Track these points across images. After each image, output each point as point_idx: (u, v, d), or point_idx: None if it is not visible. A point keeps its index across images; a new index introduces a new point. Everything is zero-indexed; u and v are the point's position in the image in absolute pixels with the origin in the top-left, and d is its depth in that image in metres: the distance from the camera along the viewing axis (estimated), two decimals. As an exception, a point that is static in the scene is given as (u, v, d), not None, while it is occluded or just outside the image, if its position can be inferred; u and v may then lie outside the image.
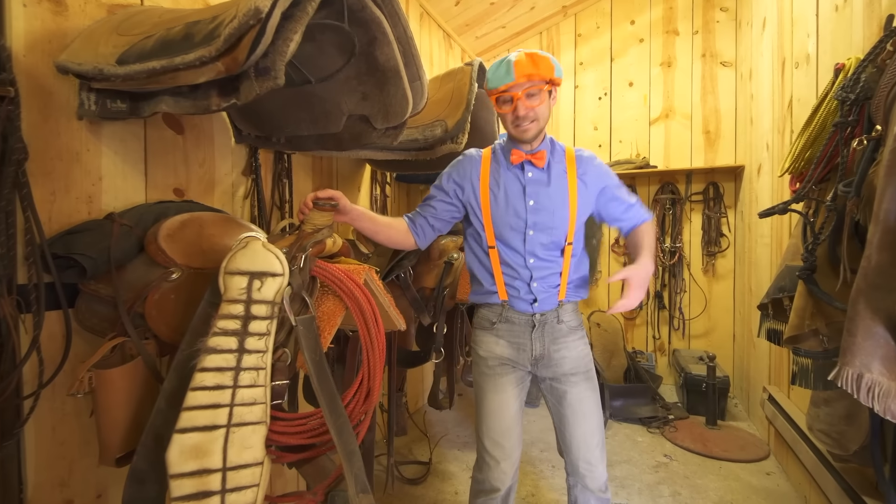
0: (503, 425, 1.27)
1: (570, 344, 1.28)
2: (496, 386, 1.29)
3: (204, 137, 1.42)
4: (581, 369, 1.28)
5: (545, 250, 1.25)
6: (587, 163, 1.29)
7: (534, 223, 1.24)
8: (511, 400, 1.28)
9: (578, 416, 1.26)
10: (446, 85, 1.59)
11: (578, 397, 1.26)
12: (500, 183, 1.27)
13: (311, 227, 0.97)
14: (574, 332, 1.29)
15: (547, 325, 1.26)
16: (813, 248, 1.20)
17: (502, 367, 1.29)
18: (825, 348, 1.22)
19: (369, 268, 0.96)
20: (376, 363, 0.85)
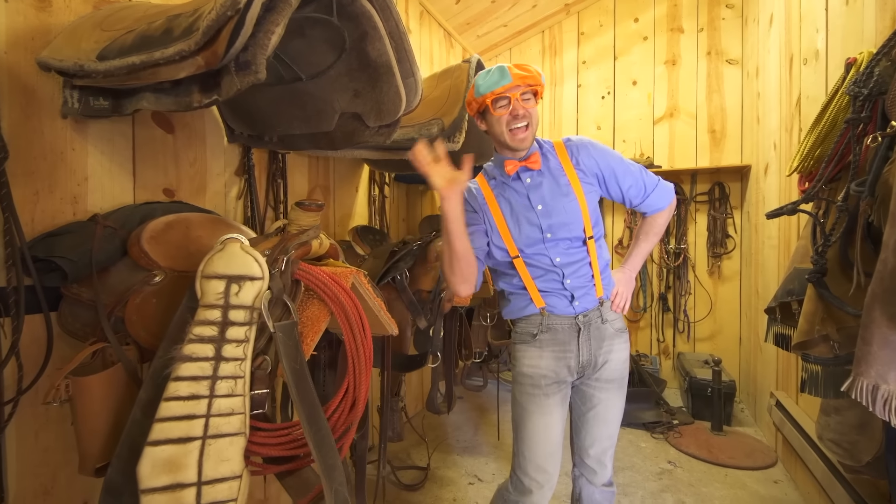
0: (549, 450, 1.21)
1: (616, 347, 1.25)
2: (542, 407, 1.21)
3: (195, 137, 1.39)
4: (618, 376, 1.26)
5: (570, 247, 1.22)
6: (578, 149, 1.26)
7: (549, 226, 1.21)
8: (557, 423, 1.22)
9: (601, 421, 1.26)
10: (443, 83, 1.55)
11: (608, 405, 1.26)
12: (506, 198, 1.25)
13: (296, 229, 0.93)
14: (620, 335, 1.27)
15: (592, 327, 1.22)
16: (823, 250, 1.15)
17: (549, 387, 1.21)
18: (836, 354, 1.17)
19: (357, 270, 0.92)
20: (362, 371, 0.81)
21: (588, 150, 1.26)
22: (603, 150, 1.27)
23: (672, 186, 1.34)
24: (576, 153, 1.25)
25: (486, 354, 2.22)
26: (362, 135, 1.20)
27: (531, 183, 1.23)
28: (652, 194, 1.29)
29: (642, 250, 1.38)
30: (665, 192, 1.31)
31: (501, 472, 2.10)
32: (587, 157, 1.25)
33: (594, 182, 1.26)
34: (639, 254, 1.38)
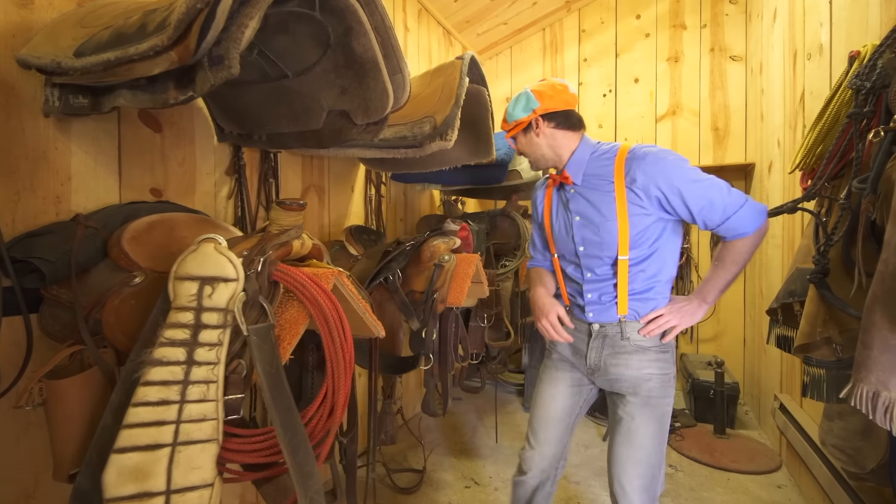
0: (544, 415, 1.32)
1: (632, 363, 1.21)
2: (551, 378, 1.35)
3: (184, 136, 1.37)
4: (639, 392, 1.20)
5: (600, 264, 1.24)
6: (635, 164, 1.16)
7: (581, 239, 1.26)
8: (560, 396, 1.32)
9: (624, 441, 1.21)
10: (436, 80, 1.52)
11: (631, 423, 1.20)
12: (553, 202, 1.37)
13: (276, 228, 0.91)
14: (643, 352, 1.21)
15: (608, 339, 1.24)
16: (825, 249, 1.11)
17: (562, 363, 1.34)
18: (839, 357, 1.13)
19: (339, 271, 0.90)
20: (341, 376, 0.79)
21: (646, 166, 1.14)
22: (665, 167, 1.14)
23: (764, 208, 1.15)
24: (631, 170, 1.16)
25: (483, 356, 2.19)
26: (350, 132, 1.18)
27: (572, 194, 1.29)
28: (733, 217, 1.13)
29: (716, 281, 1.21)
30: (751, 216, 1.13)
31: (499, 475, 2.07)
32: (643, 175, 1.14)
33: (650, 204, 1.16)
34: (711, 285, 1.21)
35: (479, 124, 1.72)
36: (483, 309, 2.15)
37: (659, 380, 1.21)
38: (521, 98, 1.30)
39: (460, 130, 1.74)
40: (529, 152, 1.34)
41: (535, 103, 1.28)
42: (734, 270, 1.20)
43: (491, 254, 2.22)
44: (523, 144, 1.34)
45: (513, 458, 2.19)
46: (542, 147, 1.30)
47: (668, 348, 1.24)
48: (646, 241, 1.19)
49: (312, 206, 1.89)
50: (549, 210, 1.37)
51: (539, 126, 1.29)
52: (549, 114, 1.28)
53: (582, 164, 1.27)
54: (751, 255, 1.19)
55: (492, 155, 1.75)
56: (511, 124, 1.33)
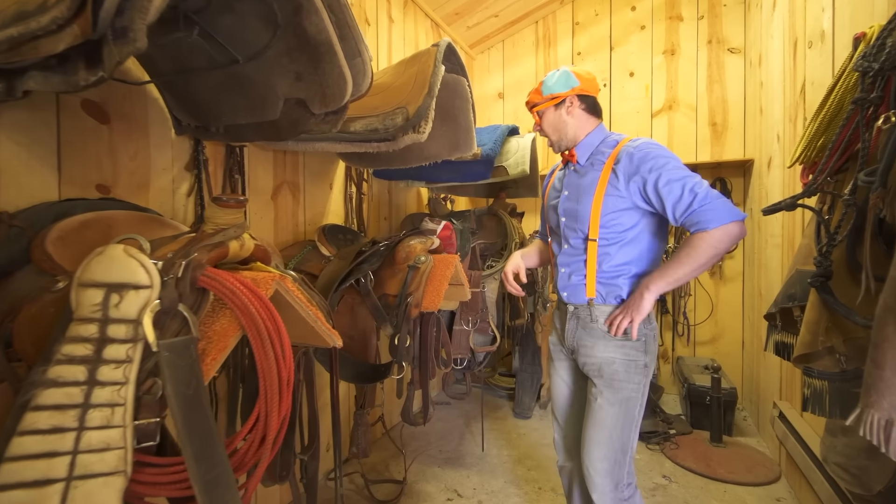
0: (557, 402, 1.44)
1: (600, 346, 1.28)
2: (552, 368, 1.46)
3: (136, 127, 1.28)
4: (603, 374, 1.27)
5: (575, 240, 1.33)
6: (624, 152, 1.25)
7: (564, 210, 1.36)
8: (560, 383, 1.43)
9: (591, 421, 1.28)
10: (410, 69, 1.42)
11: (597, 404, 1.27)
12: (555, 180, 1.47)
13: (212, 228, 0.81)
14: (609, 338, 1.27)
15: (580, 320, 1.33)
16: (828, 250, 1.01)
17: (556, 353, 1.44)
18: (843, 369, 1.03)
19: (281, 275, 0.80)
20: (275, 397, 0.69)
21: (633, 156, 1.23)
22: (650, 155, 1.21)
23: (739, 213, 1.15)
24: (621, 156, 1.25)
25: (468, 361, 2.09)
26: (307, 123, 1.08)
27: (571, 170, 1.39)
28: (699, 209, 1.14)
29: (664, 271, 1.20)
30: (718, 212, 1.13)
31: (483, 486, 1.97)
32: (628, 163, 1.23)
33: (626, 189, 1.24)
34: (659, 274, 1.21)
35: (459, 117, 1.62)
36: (468, 312, 2.06)
37: (622, 364, 1.25)
38: (561, 74, 1.35)
39: (440, 124, 1.65)
40: (554, 130, 1.37)
41: (574, 81, 1.34)
42: (688, 266, 1.18)
43: (476, 254, 2.13)
44: (550, 121, 1.37)
45: (499, 468, 2.10)
46: (568, 126, 1.35)
47: (639, 335, 1.27)
48: (617, 225, 1.27)
49: (286, 204, 1.80)
50: (550, 187, 1.49)
51: (572, 105, 1.34)
52: (583, 95, 1.36)
53: (591, 147, 1.34)
54: (709, 255, 1.16)
55: (473, 149, 1.65)
56: (546, 97, 1.35)
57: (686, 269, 1.18)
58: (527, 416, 2.67)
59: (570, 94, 1.33)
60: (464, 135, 1.65)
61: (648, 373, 1.28)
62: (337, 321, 1.50)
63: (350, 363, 1.42)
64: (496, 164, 2.08)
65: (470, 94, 1.62)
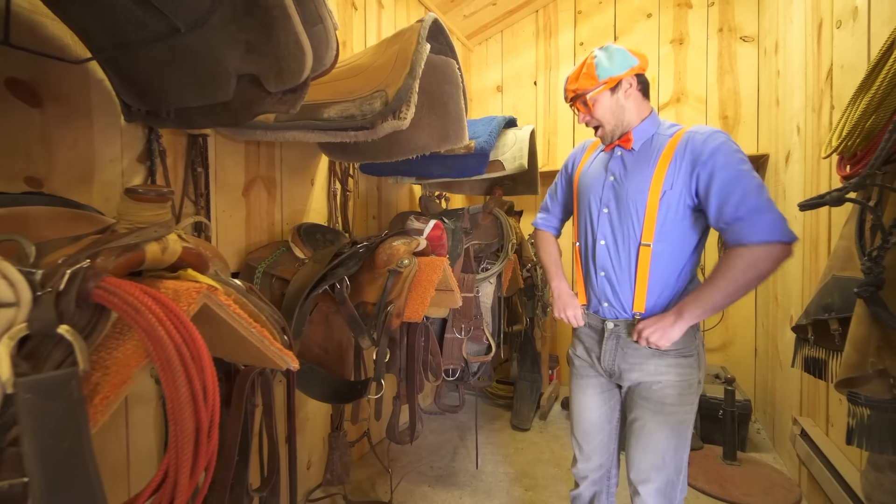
0: (583, 427, 1.28)
1: (649, 367, 1.14)
2: (577, 386, 1.30)
3: (76, 113, 1.12)
4: (653, 398, 1.13)
5: (617, 240, 1.17)
6: (691, 140, 1.10)
7: (608, 199, 1.20)
8: (590, 404, 1.26)
9: (639, 444, 1.15)
10: (392, 47, 1.26)
11: (644, 427, 1.15)
12: (593, 160, 1.31)
13: (125, 227, 0.65)
14: (661, 357, 1.12)
15: (621, 339, 1.17)
16: (879, 254, 0.85)
17: (585, 369, 1.28)
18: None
19: (209, 286, 0.64)
20: (187, 449, 0.53)
21: (695, 150, 1.08)
22: (715, 154, 1.05)
23: (790, 233, 1.01)
24: (681, 151, 1.11)
25: (461, 372, 1.93)
26: (262, 103, 0.92)
27: (618, 156, 1.22)
28: (746, 217, 1.01)
29: (700, 296, 1.07)
30: (767, 226, 1.00)
31: (477, 508, 1.81)
32: (690, 161, 1.08)
33: (687, 192, 1.09)
34: (693, 299, 1.08)
35: (448, 104, 1.46)
36: (461, 319, 1.90)
37: (676, 387, 1.12)
38: (616, 53, 1.18)
39: (428, 112, 1.49)
40: (612, 116, 1.18)
41: (633, 60, 1.18)
42: (724, 289, 1.04)
43: (470, 256, 1.96)
44: (608, 107, 1.18)
45: (494, 488, 1.94)
46: (626, 111, 1.18)
47: (690, 352, 1.13)
48: (672, 227, 1.12)
49: (260, 201, 1.64)
50: (585, 163, 1.33)
51: (631, 86, 1.18)
52: (641, 75, 1.20)
53: (647, 133, 1.19)
54: (749, 277, 1.03)
55: (464, 140, 1.49)
56: (603, 80, 1.16)
57: (723, 294, 1.04)
58: (525, 428, 2.50)
59: (630, 75, 1.17)
60: (454, 124, 1.49)
61: (701, 389, 1.17)
62: (311, 331, 1.34)
63: (323, 379, 1.26)
64: (492, 158, 1.92)
65: (461, 79, 1.45)
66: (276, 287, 1.41)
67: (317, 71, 0.91)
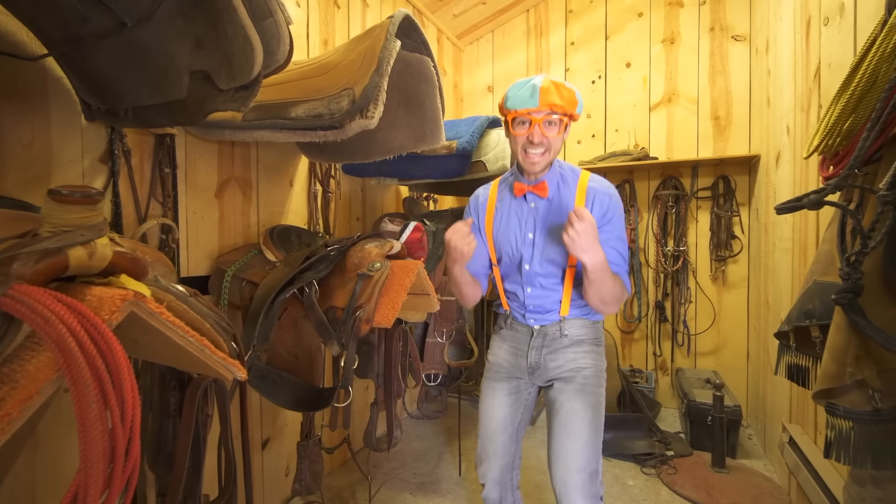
0: (487, 430, 1.29)
1: (568, 354, 1.24)
2: (488, 389, 1.32)
3: (32, 111, 1.09)
4: (575, 379, 1.22)
5: (544, 279, 1.23)
6: (597, 198, 1.19)
7: (530, 257, 1.23)
8: (499, 406, 1.28)
9: (564, 433, 1.19)
10: (361, 45, 1.22)
11: (567, 410, 1.20)
12: (504, 209, 1.28)
13: (49, 230, 0.61)
14: (578, 345, 1.24)
15: (547, 336, 1.25)
16: (858, 259, 0.81)
17: (497, 374, 1.32)
18: (876, 408, 0.83)
19: (136, 294, 0.60)
20: (97, 473, 0.49)
21: (604, 201, 1.18)
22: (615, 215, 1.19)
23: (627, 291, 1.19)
24: (592, 198, 1.19)
25: (443, 377, 1.89)
26: (214, 101, 0.89)
27: (534, 208, 1.23)
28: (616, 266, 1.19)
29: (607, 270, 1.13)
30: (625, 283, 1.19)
31: (458, 517, 1.77)
32: (599, 209, 1.18)
33: None
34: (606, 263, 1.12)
35: (425, 103, 1.42)
36: (442, 323, 1.86)
37: (593, 369, 1.23)
38: (578, 94, 1.16)
39: (404, 111, 1.45)
40: (554, 150, 1.17)
41: (582, 106, 1.18)
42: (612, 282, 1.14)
43: (453, 258, 1.92)
44: (559, 139, 1.16)
45: (476, 496, 1.89)
46: (559, 152, 1.22)
47: (600, 342, 1.28)
48: None
49: (234, 203, 1.60)
50: (492, 219, 1.30)
51: (567, 130, 1.19)
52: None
53: (555, 178, 1.22)
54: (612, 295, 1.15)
55: (441, 140, 1.45)
56: (578, 113, 1.16)
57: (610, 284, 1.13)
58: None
59: (576, 120, 1.19)
60: (431, 124, 1.45)
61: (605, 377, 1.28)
62: (279, 337, 1.31)
63: (290, 387, 1.22)
64: (475, 158, 1.88)
65: (437, 78, 1.42)
66: (247, 291, 1.37)
67: (270, 67, 0.87)
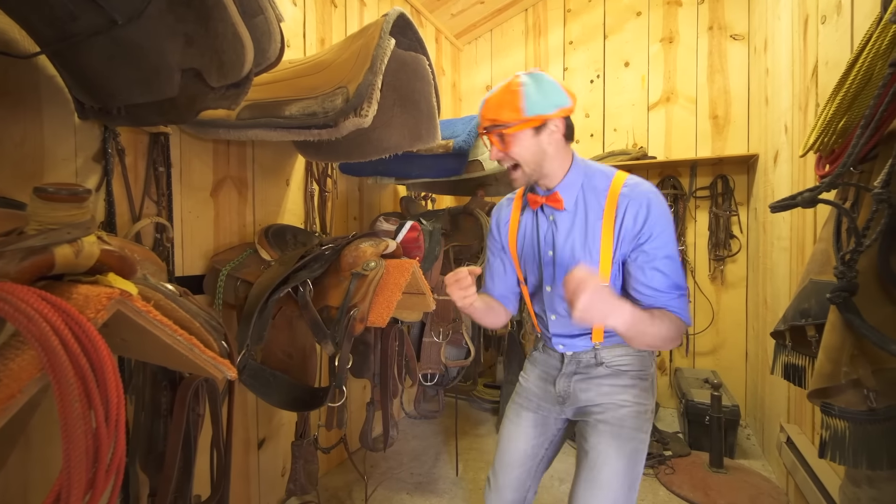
0: (503, 459, 1.16)
1: (604, 386, 1.08)
2: (513, 414, 1.21)
3: (24, 109, 1.08)
4: (610, 420, 1.04)
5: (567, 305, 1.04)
6: (631, 204, 1.00)
7: (551, 277, 1.10)
8: (522, 437, 1.15)
9: (591, 478, 1.00)
10: (356, 43, 1.22)
11: (599, 454, 1.01)
12: (527, 222, 1.16)
13: (35, 228, 0.61)
14: (617, 376, 1.08)
15: (581, 364, 1.11)
16: (853, 258, 0.81)
17: (527, 400, 1.20)
18: (871, 407, 0.82)
19: (123, 292, 0.60)
20: (79, 473, 0.49)
21: (640, 211, 0.99)
22: (657, 219, 0.99)
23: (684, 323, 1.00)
24: (623, 207, 1.01)
25: (440, 377, 1.89)
26: (205, 99, 0.88)
27: (552, 222, 1.09)
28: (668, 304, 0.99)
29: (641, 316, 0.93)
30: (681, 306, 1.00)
31: (455, 517, 1.77)
32: (633, 221, 1.00)
33: (628, 242, 1.02)
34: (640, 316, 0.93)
35: (420, 102, 1.42)
36: (439, 322, 1.85)
37: (633, 409, 1.05)
38: (547, 85, 1.00)
39: (400, 110, 1.45)
40: (529, 159, 1.03)
41: (565, 99, 1.01)
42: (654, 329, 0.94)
43: (450, 257, 1.92)
44: (524, 147, 1.01)
45: (474, 496, 1.89)
46: (547, 158, 1.03)
47: (647, 375, 1.10)
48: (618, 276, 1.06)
49: (230, 202, 1.60)
50: (516, 237, 1.18)
51: (557, 130, 1.03)
52: (568, 118, 1.05)
53: (575, 187, 1.06)
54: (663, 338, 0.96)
55: (437, 139, 1.44)
56: (527, 118, 0.98)
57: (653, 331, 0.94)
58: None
59: (558, 117, 1.01)
60: (426, 122, 1.44)
61: (652, 420, 1.10)
62: (274, 336, 1.30)
63: (284, 387, 1.22)
64: (471, 157, 1.87)
65: (432, 76, 1.41)
66: (241, 290, 1.36)
67: (261, 65, 0.87)
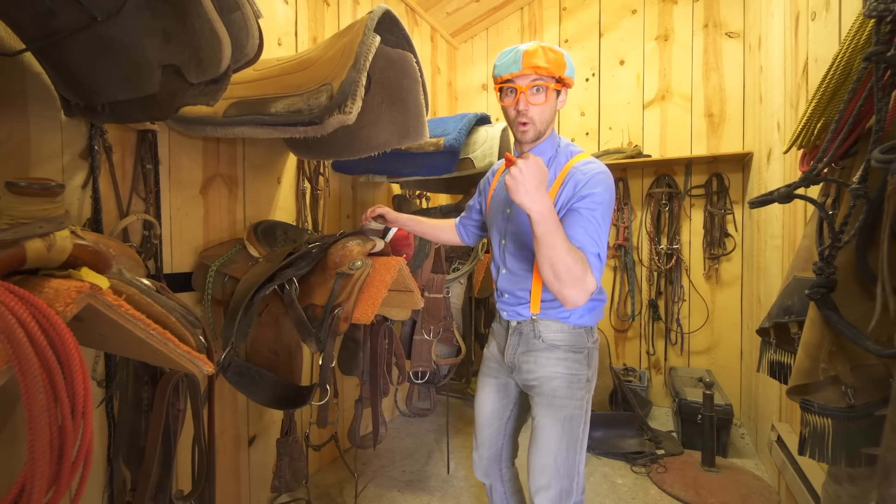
0: (478, 420, 1.32)
1: (542, 360, 1.16)
2: (480, 382, 1.33)
3: (9, 106, 1.09)
4: (544, 390, 1.15)
5: (515, 262, 1.19)
6: (575, 174, 1.08)
7: (506, 232, 1.21)
8: (487, 399, 1.30)
9: (532, 446, 1.16)
10: (341, 40, 1.22)
11: (536, 423, 1.16)
12: (501, 180, 1.27)
13: (7, 222, 0.61)
14: (551, 350, 1.15)
15: (523, 336, 1.19)
16: (830, 254, 0.80)
17: (488, 368, 1.31)
18: (850, 404, 0.82)
19: (93, 286, 0.60)
20: (43, 466, 0.49)
21: (581, 180, 1.06)
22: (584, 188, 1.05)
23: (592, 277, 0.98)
24: (568, 178, 1.09)
25: (431, 375, 1.89)
26: (185, 95, 0.88)
27: None
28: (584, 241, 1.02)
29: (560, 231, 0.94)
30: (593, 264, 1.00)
31: (445, 515, 1.77)
32: (573, 189, 1.07)
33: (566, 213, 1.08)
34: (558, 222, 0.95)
35: (408, 99, 1.42)
36: (430, 320, 1.85)
37: (565, 379, 1.14)
38: (566, 56, 1.08)
39: (388, 108, 1.45)
40: (542, 119, 1.09)
41: (573, 69, 1.11)
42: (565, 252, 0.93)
43: (441, 256, 1.92)
44: (547, 106, 1.08)
45: (464, 494, 1.89)
46: (551, 121, 1.13)
47: (581, 348, 1.16)
48: None
49: (219, 199, 1.60)
50: (493, 188, 1.29)
51: (564, 98, 1.13)
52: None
53: (545, 154, 1.14)
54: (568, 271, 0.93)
55: (424, 136, 1.44)
56: (566, 76, 1.06)
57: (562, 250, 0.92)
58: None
59: (570, 85, 1.11)
60: (414, 120, 1.44)
61: (591, 388, 1.19)
62: (260, 333, 1.31)
63: (269, 384, 1.22)
64: (462, 155, 1.87)
65: (420, 74, 1.41)
66: (229, 286, 1.37)
67: (239, 61, 0.87)
